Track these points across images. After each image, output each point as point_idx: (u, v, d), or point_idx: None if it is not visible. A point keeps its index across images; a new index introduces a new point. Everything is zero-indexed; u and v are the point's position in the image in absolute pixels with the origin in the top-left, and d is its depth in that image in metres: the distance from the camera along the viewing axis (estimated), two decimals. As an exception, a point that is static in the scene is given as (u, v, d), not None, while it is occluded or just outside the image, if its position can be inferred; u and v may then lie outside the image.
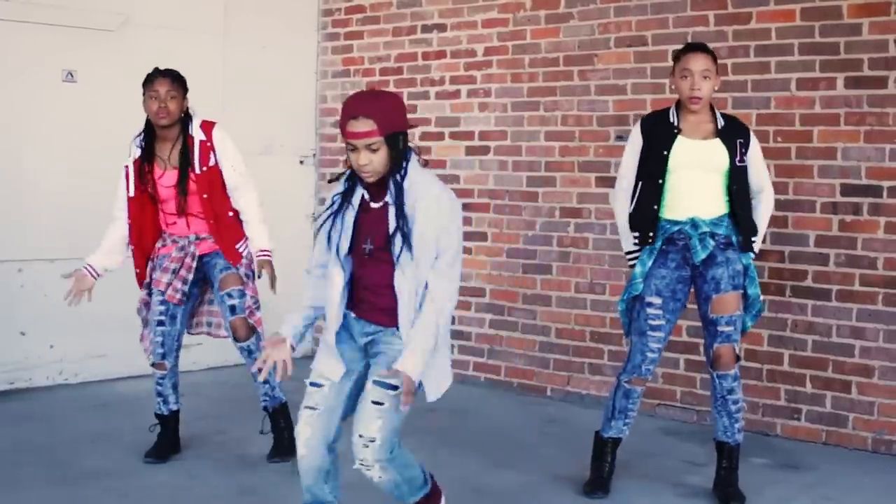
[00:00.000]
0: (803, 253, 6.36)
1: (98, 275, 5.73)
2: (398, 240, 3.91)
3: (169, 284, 5.63)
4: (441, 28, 8.04)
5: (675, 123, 5.18)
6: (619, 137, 7.05)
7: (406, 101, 8.12)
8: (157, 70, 5.70)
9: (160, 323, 5.69)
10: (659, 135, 5.20)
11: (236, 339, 5.68)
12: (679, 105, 5.23)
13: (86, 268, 5.72)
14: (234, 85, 8.09)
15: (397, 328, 3.99)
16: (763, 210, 5.31)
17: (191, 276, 5.65)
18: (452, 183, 7.93)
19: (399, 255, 3.91)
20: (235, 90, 8.07)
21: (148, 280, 5.77)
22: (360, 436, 3.92)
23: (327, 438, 4.08)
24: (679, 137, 5.15)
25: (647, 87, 6.97)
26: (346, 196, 4.04)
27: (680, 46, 5.91)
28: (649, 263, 5.19)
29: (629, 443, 5.47)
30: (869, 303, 6.18)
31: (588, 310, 7.20)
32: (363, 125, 3.82)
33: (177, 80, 5.66)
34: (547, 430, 6.54)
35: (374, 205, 4.00)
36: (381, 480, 4.02)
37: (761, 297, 5.28)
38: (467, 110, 7.86)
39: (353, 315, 4.10)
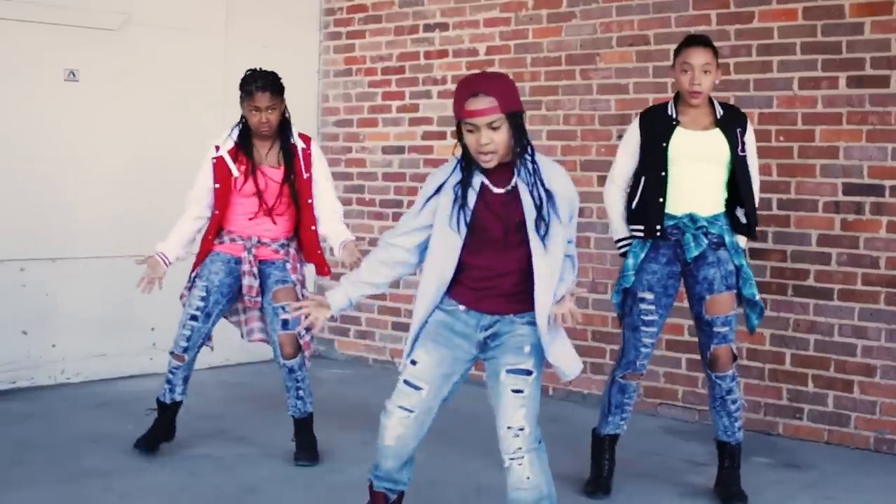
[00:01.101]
0: (805, 252, 6.36)
1: (170, 262, 5.68)
2: (540, 223, 3.86)
3: (252, 288, 5.64)
4: (443, 27, 8.04)
5: (674, 115, 5.18)
6: (621, 137, 7.04)
7: (407, 101, 8.20)
8: (255, 78, 5.65)
9: (193, 318, 5.66)
10: (658, 128, 5.19)
11: (282, 356, 5.68)
12: (678, 98, 5.23)
13: (158, 255, 5.66)
14: (236, 84, 8.03)
15: (516, 314, 3.97)
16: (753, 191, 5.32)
17: (256, 285, 5.66)
18: (454, 182, 7.92)
19: (543, 238, 3.86)
20: (236, 89, 8.05)
21: (197, 271, 5.72)
22: (509, 427, 3.92)
23: (419, 436, 4.11)
24: (678, 129, 5.14)
25: (649, 86, 6.96)
26: (466, 183, 3.92)
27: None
28: (641, 256, 5.19)
29: (630, 442, 5.47)
30: (871, 302, 6.17)
31: (590, 309, 7.19)
32: (484, 102, 3.74)
33: (276, 92, 5.65)
34: (549, 430, 6.47)
35: (497, 190, 3.92)
36: (530, 485, 3.92)
37: (759, 297, 5.25)
38: (469, 109, 7.83)
39: (461, 308, 4.03)
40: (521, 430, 3.92)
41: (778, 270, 6.43)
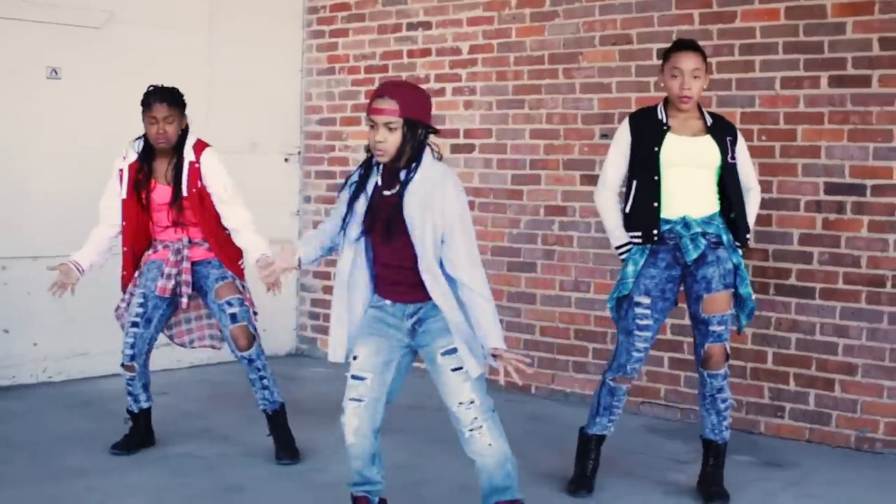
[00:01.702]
0: (787, 251, 6.38)
1: (83, 270, 5.75)
2: (408, 224, 4.12)
3: (167, 290, 5.66)
4: (426, 26, 8.04)
5: (664, 121, 5.18)
6: (604, 136, 7.06)
7: (391, 99, 8.15)
8: (154, 92, 5.69)
9: (134, 325, 5.72)
10: (648, 132, 5.18)
11: (237, 348, 5.70)
12: (667, 102, 5.23)
13: (72, 263, 5.72)
14: (219, 82, 8.08)
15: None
16: (751, 209, 5.32)
17: (191, 280, 5.69)
18: (437, 181, 7.93)
19: (414, 238, 4.12)
20: (220, 87, 8.07)
21: (132, 286, 5.79)
22: (460, 403, 4.21)
23: (374, 426, 4.38)
24: (669, 134, 5.14)
25: (631, 85, 6.98)
26: (361, 183, 4.27)
27: (665, 45, 5.93)
28: (641, 262, 5.18)
29: (613, 440, 5.48)
30: (852, 301, 6.19)
31: (573, 308, 7.20)
32: (386, 104, 4.07)
33: (174, 103, 5.67)
34: (531, 428, 6.54)
35: (386, 192, 4.21)
36: (492, 451, 4.23)
37: (753, 297, 5.28)
38: (452, 108, 7.85)
39: (388, 303, 4.32)
40: (472, 402, 4.21)
41: (760, 269, 6.45)
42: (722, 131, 5.20)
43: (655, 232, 5.12)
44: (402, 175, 4.16)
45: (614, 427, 5.38)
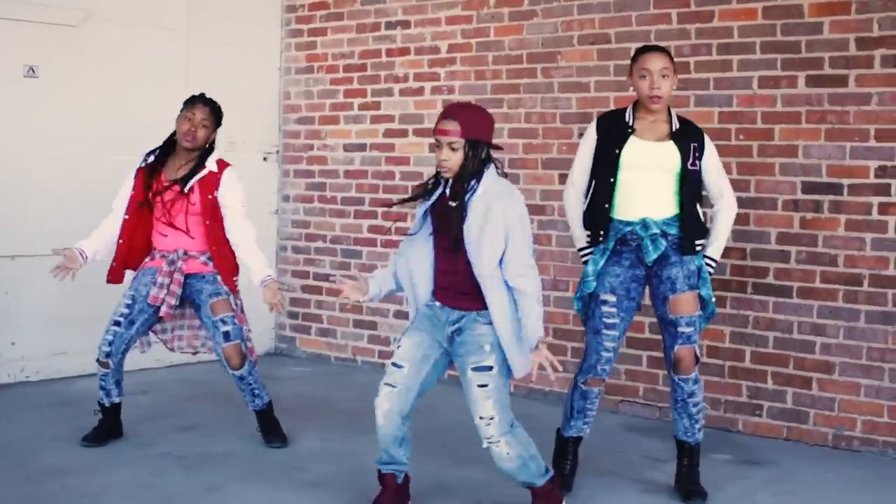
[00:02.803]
0: (765, 250, 6.41)
1: (87, 258, 5.83)
2: (466, 236, 4.48)
3: (159, 299, 5.77)
4: (405, 25, 8.04)
5: (630, 123, 5.19)
6: (582, 135, 7.07)
7: (369, 98, 8.19)
8: (200, 95, 5.90)
9: (116, 323, 5.82)
10: (612, 134, 5.20)
11: (230, 367, 5.85)
12: (636, 105, 5.24)
13: (77, 249, 5.80)
14: (197, 81, 8.03)
15: (478, 312, 4.57)
16: (722, 218, 5.31)
17: (180, 292, 5.80)
18: (416, 180, 7.92)
19: (472, 250, 4.47)
20: (198, 86, 7.99)
21: (132, 290, 5.87)
22: (481, 418, 4.56)
23: (403, 412, 4.66)
24: (632, 137, 5.15)
25: (610, 84, 6.99)
26: (430, 193, 4.66)
27: (644, 45, 5.95)
28: (601, 262, 5.18)
29: (591, 439, 5.49)
30: (829, 300, 6.22)
31: (551, 307, 7.21)
32: (449, 125, 4.47)
33: (214, 112, 5.87)
34: (510, 427, 6.54)
35: (451, 203, 4.55)
36: (511, 458, 4.59)
37: (714, 298, 5.28)
38: (431, 107, 7.86)
39: (438, 304, 4.68)
40: (492, 419, 4.54)
41: (737, 268, 6.48)
42: (687, 137, 5.20)
43: (602, 234, 5.16)
44: (466, 188, 4.50)
45: (590, 427, 5.39)
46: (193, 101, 5.85)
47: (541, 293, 4.53)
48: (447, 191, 4.59)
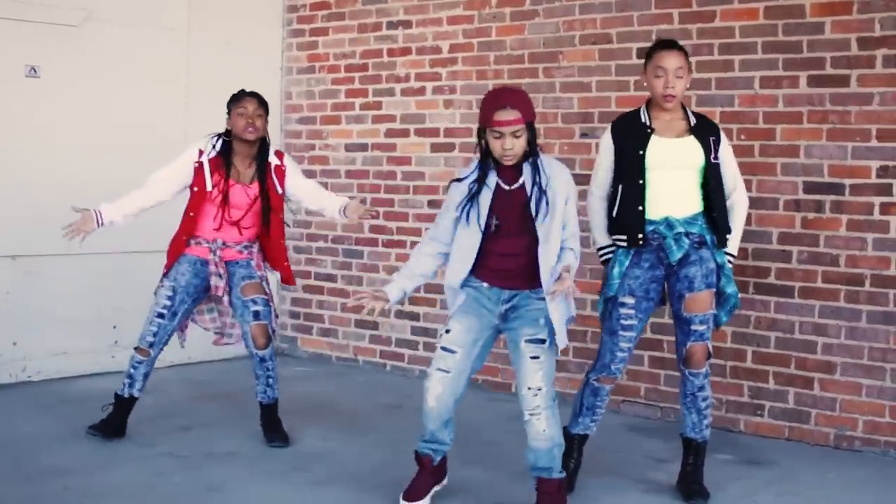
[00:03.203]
0: (766, 250, 6.40)
1: (103, 222, 5.86)
2: (541, 213, 4.69)
3: (219, 287, 5.92)
4: (406, 25, 8.04)
5: (648, 123, 5.18)
6: (584, 134, 7.08)
7: (370, 98, 8.20)
8: (244, 91, 6.01)
9: (160, 315, 5.93)
10: (632, 136, 5.18)
11: (255, 346, 5.95)
12: (649, 104, 5.24)
13: (95, 211, 5.84)
14: (199, 81, 8.06)
15: (531, 290, 4.78)
16: (738, 210, 5.32)
17: (227, 279, 5.96)
18: (417, 180, 7.94)
19: (542, 226, 4.69)
20: (200, 86, 8.04)
21: (168, 272, 5.97)
22: (529, 388, 4.72)
23: (455, 394, 4.85)
24: (653, 137, 5.14)
25: (611, 84, 6.99)
26: (481, 181, 4.77)
27: (645, 44, 5.95)
28: (626, 263, 5.18)
29: (594, 439, 5.48)
30: (831, 300, 6.22)
31: (553, 307, 7.20)
32: (510, 114, 4.63)
33: (262, 102, 5.99)
34: (512, 427, 6.53)
35: (507, 187, 4.75)
36: (545, 437, 4.73)
37: (738, 295, 5.28)
38: (432, 107, 7.86)
39: (485, 286, 4.83)
40: (539, 389, 4.71)
41: (739, 268, 6.46)
42: (706, 131, 5.20)
43: (640, 236, 5.13)
44: (526, 170, 4.74)
45: (596, 427, 5.38)
46: (241, 96, 5.96)
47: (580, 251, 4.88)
48: (498, 179, 4.78)
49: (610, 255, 5.25)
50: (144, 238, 7.24)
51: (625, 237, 5.17)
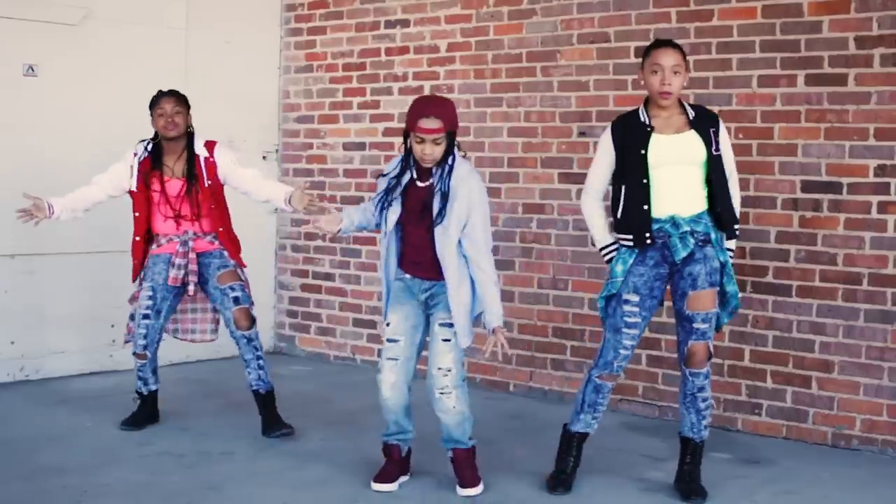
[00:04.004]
0: (764, 249, 6.40)
1: (51, 214, 6.06)
2: (437, 212, 5.01)
3: (183, 280, 6.11)
4: (404, 24, 8.03)
5: (647, 122, 5.18)
6: (582, 133, 7.08)
7: (368, 97, 8.19)
8: (160, 91, 6.22)
9: (146, 317, 6.13)
10: (632, 135, 5.17)
11: (238, 328, 6.12)
12: (647, 103, 5.23)
13: (47, 202, 6.03)
14: (197, 80, 8.06)
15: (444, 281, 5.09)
16: (733, 193, 5.28)
17: (197, 269, 6.14)
18: (415, 179, 7.94)
19: (439, 225, 5.01)
20: (198, 85, 8.03)
21: (141, 276, 6.22)
22: (439, 368, 5.10)
23: (407, 381, 5.20)
24: (653, 135, 5.14)
25: (609, 83, 6.99)
26: (399, 177, 5.15)
27: (643, 43, 5.94)
28: (630, 261, 5.18)
29: (591, 437, 5.48)
30: (829, 298, 6.22)
31: (550, 305, 7.21)
32: (433, 123, 4.97)
33: (180, 99, 6.19)
34: (510, 426, 6.55)
35: (420, 184, 5.12)
36: (455, 411, 5.13)
37: (739, 296, 5.27)
38: (430, 106, 7.85)
39: (408, 277, 5.21)
40: (449, 370, 5.10)
41: (737, 267, 6.42)
42: (705, 123, 5.19)
43: (648, 236, 5.13)
44: (435, 171, 5.06)
45: (597, 426, 5.37)
46: (158, 98, 6.18)
47: (496, 276, 5.14)
48: (413, 173, 5.14)
49: (614, 254, 5.24)
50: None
51: (631, 237, 5.17)
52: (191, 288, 6.13)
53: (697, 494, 5.20)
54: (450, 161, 5.07)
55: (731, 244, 5.31)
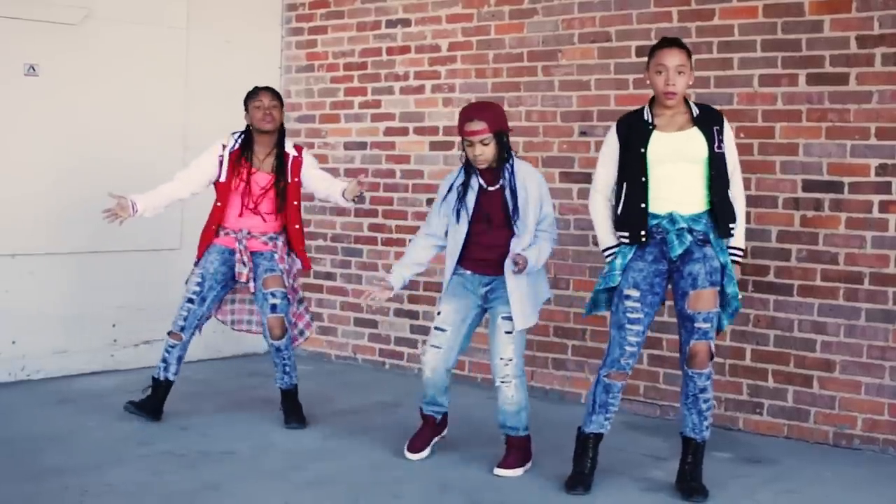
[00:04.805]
0: (765, 248, 6.40)
1: (136, 212, 6.21)
2: (516, 212, 5.44)
3: (242, 275, 6.29)
4: (405, 23, 8.03)
5: (650, 120, 5.19)
6: (583, 133, 7.07)
7: (370, 97, 8.20)
8: (258, 86, 6.43)
9: (190, 300, 6.34)
10: (634, 133, 5.19)
11: (271, 336, 6.34)
12: (653, 102, 5.24)
13: (130, 200, 6.18)
14: (198, 79, 8.06)
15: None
16: (738, 204, 5.29)
17: (253, 267, 6.34)
18: (416, 178, 7.94)
19: (516, 223, 5.43)
20: (199, 84, 8.05)
21: (198, 260, 6.39)
22: (501, 358, 5.50)
23: (447, 367, 5.62)
24: (654, 133, 5.15)
25: (610, 82, 6.99)
26: (466, 183, 5.56)
27: (644, 43, 5.94)
28: (630, 255, 5.18)
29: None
30: (830, 298, 6.22)
31: (551, 305, 7.19)
32: (476, 125, 5.38)
33: (277, 95, 6.42)
34: (511, 425, 6.54)
35: (489, 188, 5.52)
36: (513, 401, 5.52)
37: (739, 297, 5.26)
38: (431, 106, 7.86)
39: (468, 272, 5.61)
40: (510, 360, 5.49)
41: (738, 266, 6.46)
42: (709, 121, 5.20)
43: (643, 233, 5.14)
44: (505, 174, 5.48)
45: (610, 426, 5.37)
46: (256, 91, 6.36)
47: (549, 253, 5.57)
48: (481, 180, 5.53)
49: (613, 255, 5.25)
50: (143, 237, 7.26)
51: (628, 234, 5.18)
52: (250, 286, 6.33)
53: (699, 494, 5.20)
54: (510, 162, 5.48)
55: (740, 243, 5.30)
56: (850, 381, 6.17)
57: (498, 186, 5.50)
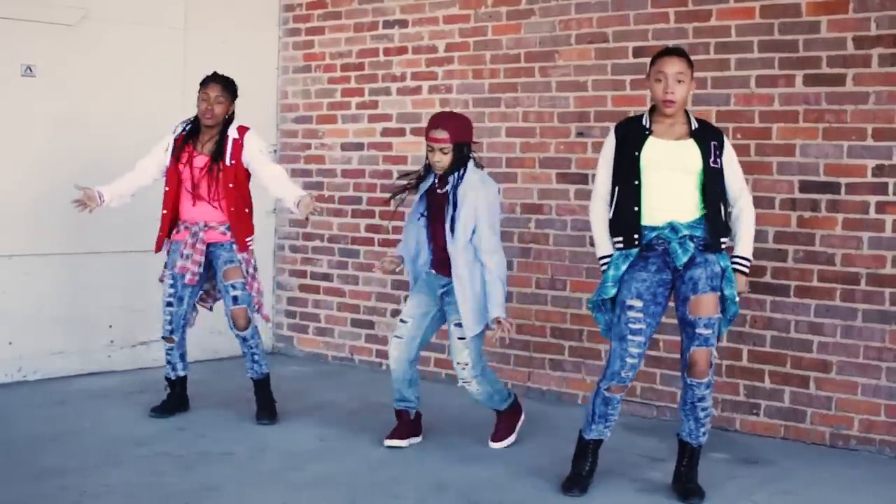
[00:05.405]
0: (762, 249, 6.40)
1: (102, 202, 6.31)
2: (449, 217, 5.66)
3: (186, 268, 6.33)
4: (402, 24, 8.04)
5: (647, 125, 5.19)
6: (580, 134, 7.08)
7: (367, 97, 8.20)
8: (212, 74, 6.45)
9: (168, 304, 6.43)
10: (631, 137, 5.19)
11: (235, 328, 6.43)
12: (653, 109, 5.24)
13: (97, 190, 6.29)
14: (195, 79, 8.01)
15: None
16: (746, 216, 5.26)
17: (202, 260, 6.35)
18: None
19: (451, 228, 5.66)
20: (196, 85, 8.02)
21: (166, 260, 6.46)
22: (458, 363, 5.79)
23: (409, 358, 5.88)
24: (650, 138, 5.15)
25: (607, 83, 6.99)
26: (419, 180, 5.89)
27: (641, 44, 5.93)
28: (623, 267, 5.15)
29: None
30: (827, 298, 6.23)
31: (548, 306, 7.22)
32: (440, 134, 5.66)
33: (227, 88, 6.41)
34: (508, 426, 6.54)
35: (439, 190, 5.79)
36: (480, 392, 5.88)
37: (737, 300, 5.25)
38: (428, 106, 7.85)
39: (433, 272, 5.88)
40: (467, 364, 5.78)
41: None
42: (707, 136, 5.20)
43: (636, 237, 5.13)
44: (450, 180, 5.70)
45: (610, 433, 5.36)
46: (206, 82, 6.37)
47: (505, 274, 5.74)
48: (436, 180, 5.79)
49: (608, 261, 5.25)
50: (139, 238, 7.25)
51: (621, 238, 5.17)
52: (187, 277, 6.31)
53: (695, 495, 5.20)
54: (461, 171, 5.70)
55: (747, 253, 5.27)
56: (846, 381, 6.18)
57: (444, 191, 5.75)
